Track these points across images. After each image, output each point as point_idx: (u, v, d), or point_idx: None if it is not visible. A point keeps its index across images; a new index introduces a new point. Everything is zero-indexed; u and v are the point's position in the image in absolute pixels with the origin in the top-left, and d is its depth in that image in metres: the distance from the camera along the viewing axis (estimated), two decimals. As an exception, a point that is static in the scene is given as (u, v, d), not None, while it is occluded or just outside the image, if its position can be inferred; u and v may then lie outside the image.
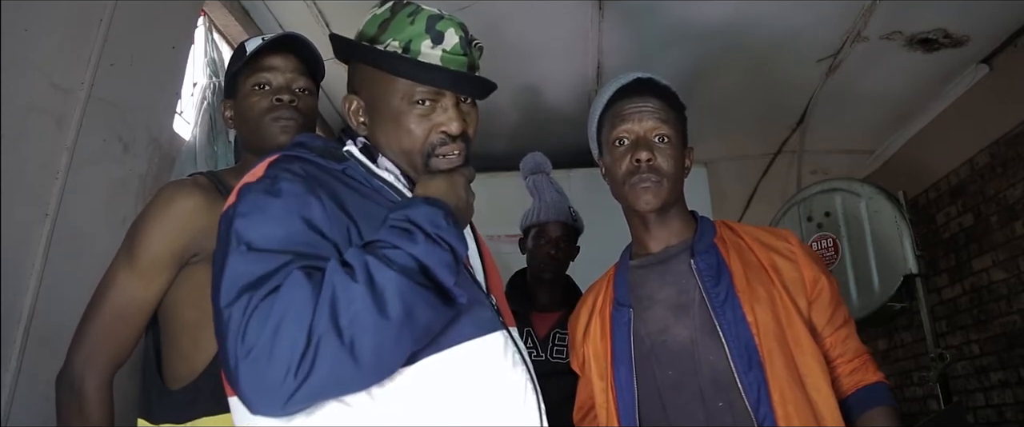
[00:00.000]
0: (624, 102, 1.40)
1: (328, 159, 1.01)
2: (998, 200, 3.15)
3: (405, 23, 1.03)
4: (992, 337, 3.21)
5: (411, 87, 1.02)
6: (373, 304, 0.81)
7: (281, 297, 0.80)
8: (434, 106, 1.03)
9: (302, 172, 0.95)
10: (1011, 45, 3.05)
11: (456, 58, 1.03)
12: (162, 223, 1.27)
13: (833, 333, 1.36)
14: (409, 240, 0.87)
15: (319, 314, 0.79)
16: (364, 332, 0.80)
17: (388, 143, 1.05)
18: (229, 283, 0.84)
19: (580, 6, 2.77)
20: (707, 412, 1.26)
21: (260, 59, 1.39)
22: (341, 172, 1.01)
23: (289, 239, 0.87)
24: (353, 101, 1.08)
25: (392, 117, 1.03)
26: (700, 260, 1.35)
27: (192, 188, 1.31)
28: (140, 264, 1.26)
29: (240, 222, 0.89)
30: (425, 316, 0.86)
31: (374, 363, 0.82)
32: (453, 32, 1.03)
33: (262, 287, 0.82)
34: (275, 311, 0.80)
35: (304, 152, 1.01)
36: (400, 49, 1.02)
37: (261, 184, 0.93)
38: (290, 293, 0.81)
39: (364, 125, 1.07)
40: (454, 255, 0.90)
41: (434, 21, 1.03)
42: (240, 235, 0.88)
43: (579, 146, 3.99)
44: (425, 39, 1.02)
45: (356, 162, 1.03)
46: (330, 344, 0.78)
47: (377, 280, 0.82)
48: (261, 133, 1.36)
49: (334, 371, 0.79)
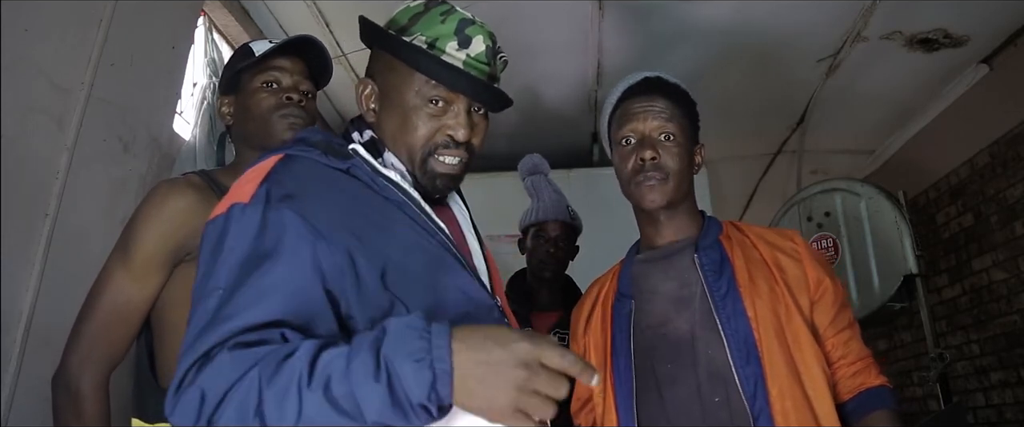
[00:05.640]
0: (631, 102, 1.42)
1: (331, 156, 0.97)
2: (998, 200, 3.15)
3: (436, 20, 1.02)
4: (992, 337, 3.21)
5: (427, 84, 1.00)
6: (277, 416, 0.72)
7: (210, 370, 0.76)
8: (446, 108, 1.02)
9: (298, 190, 0.89)
10: (1011, 45, 3.05)
11: (479, 65, 1.02)
12: (156, 222, 1.28)
13: (836, 335, 1.37)
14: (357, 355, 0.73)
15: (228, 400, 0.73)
16: None
17: (393, 135, 1.04)
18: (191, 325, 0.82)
19: (580, 6, 2.77)
20: (703, 406, 1.27)
21: (269, 59, 1.42)
22: (345, 171, 0.97)
23: (256, 295, 0.81)
24: (367, 85, 1.07)
25: (402, 110, 1.02)
26: (703, 255, 1.36)
27: (185, 187, 1.32)
28: (135, 264, 1.26)
29: (220, 254, 0.85)
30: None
31: None
32: (481, 39, 1.02)
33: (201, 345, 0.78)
34: (200, 377, 0.75)
35: (306, 150, 0.97)
36: (425, 44, 1.01)
37: (251, 212, 0.87)
38: (216, 369, 0.75)
39: (374, 112, 1.06)
40: (395, 397, 0.71)
41: (465, 25, 1.02)
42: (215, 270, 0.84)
43: (579, 146, 4.04)
44: (452, 40, 1.01)
45: (361, 160, 0.99)
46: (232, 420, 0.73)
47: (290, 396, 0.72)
48: (268, 129, 1.38)
49: None
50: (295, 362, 0.73)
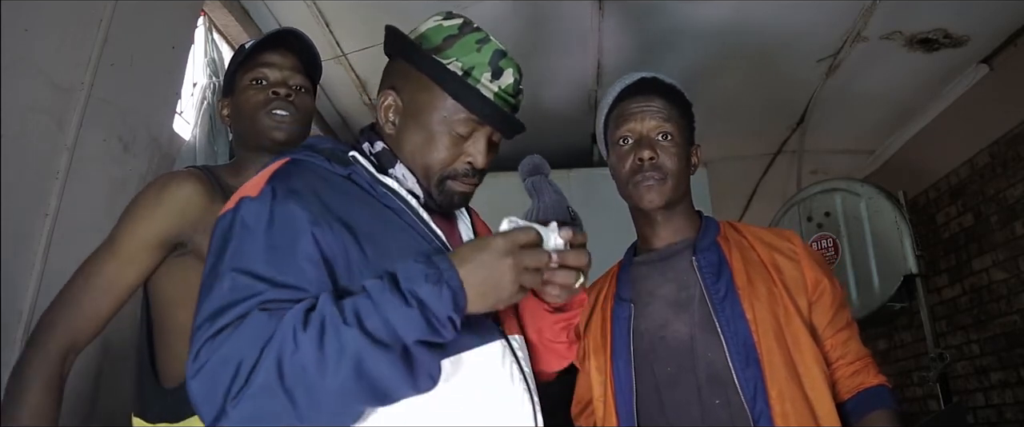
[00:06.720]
0: (628, 102, 1.41)
1: (334, 163, 1.00)
2: (998, 200, 3.15)
3: (472, 47, 1.03)
4: (992, 337, 3.21)
5: (459, 112, 1.02)
6: (317, 359, 0.79)
7: (238, 334, 0.82)
8: (470, 136, 1.04)
9: (303, 187, 0.94)
10: (1011, 45, 3.05)
11: (507, 99, 1.05)
12: (151, 206, 1.26)
13: (834, 335, 1.36)
14: (379, 291, 0.83)
15: (266, 357, 0.79)
16: (304, 383, 0.79)
17: (412, 152, 1.05)
18: (205, 305, 0.86)
19: (580, 6, 2.77)
20: (703, 408, 1.27)
21: (258, 55, 1.38)
22: (346, 177, 1.00)
23: (271, 268, 0.87)
24: (389, 97, 1.07)
25: (427, 130, 1.03)
26: (701, 257, 1.36)
27: (186, 176, 1.31)
28: (119, 245, 1.24)
29: (232, 242, 0.89)
30: (379, 376, 0.81)
31: (313, 411, 0.80)
32: (511, 73, 1.05)
33: (225, 316, 0.83)
34: (227, 344, 0.81)
35: (310, 155, 1.00)
36: (461, 71, 1.02)
37: (259, 203, 0.92)
38: (246, 332, 0.82)
39: (392, 125, 1.07)
40: (426, 316, 0.82)
41: (499, 57, 1.04)
42: (228, 256, 0.88)
43: (579, 146, 4.03)
44: (487, 71, 1.03)
45: (361, 167, 1.02)
46: (270, 387, 0.79)
47: (328, 333, 0.80)
48: (256, 128, 1.35)
49: (273, 410, 0.79)
50: (322, 308, 0.82)
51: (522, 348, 1.06)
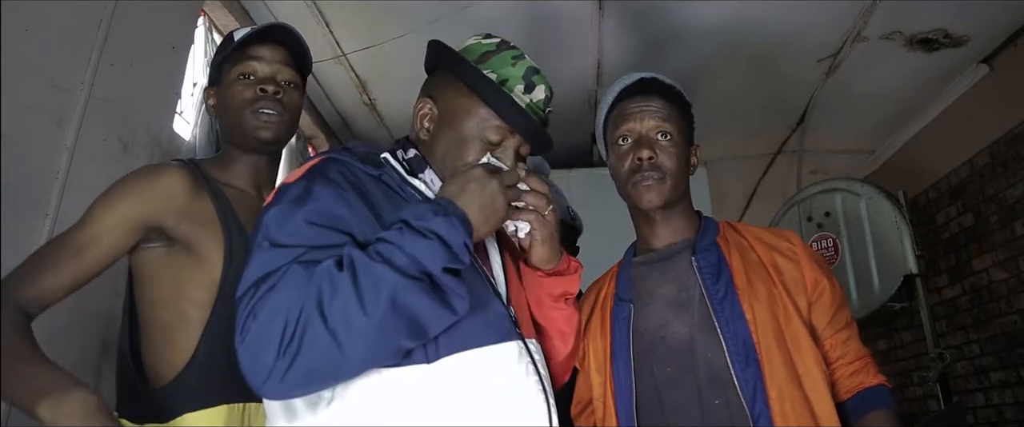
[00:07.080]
0: (628, 102, 1.41)
1: (367, 164, 1.06)
2: (998, 200, 3.15)
3: (507, 62, 1.12)
4: (992, 337, 3.21)
5: (491, 119, 1.09)
6: (355, 294, 0.85)
7: (279, 288, 0.87)
8: (499, 144, 1.10)
9: (337, 176, 1.00)
10: (1011, 45, 3.05)
11: (537, 112, 1.13)
12: (133, 189, 1.24)
13: (834, 335, 1.36)
14: (398, 234, 0.90)
15: (308, 302, 0.85)
16: (346, 320, 0.84)
17: (443, 156, 1.10)
18: (247, 276, 0.91)
19: (580, 6, 2.77)
20: (703, 409, 1.26)
21: (247, 48, 1.35)
22: (377, 177, 1.05)
23: (309, 235, 0.92)
24: (426, 105, 1.14)
25: (460, 136, 1.10)
26: (701, 257, 1.36)
27: (173, 167, 1.30)
28: (94, 217, 1.22)
29: (270, 219, 0.95)
30: (414, 306, 0.88)
31: (357, 347, 0.86)
32: (542, 89, 1.13)
33: (268, 281, 0.88)
34: (271, 301, 0.86)
35: (346, 155, 1.06)
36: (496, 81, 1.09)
37: (297, 186, 0.98)
38: (287, 285, 0.87)
39: (427, 131, 1.13)
40: (445, 244, 0.91)
41: (532, 73, 1.13)
42: (266, 231, 0.94)
43: (579, 146, 4.03)
44: (520, 84, 1.11)
45: (391, 168, 1.08)
46: (315, 330, 0.84)
47: (361, 272, 0.86)
48: (241, 125, 1.33)
49: (320, 354, 0.84)
50: (350, 253, 0.89)
51: (538, 351, 1.08)
